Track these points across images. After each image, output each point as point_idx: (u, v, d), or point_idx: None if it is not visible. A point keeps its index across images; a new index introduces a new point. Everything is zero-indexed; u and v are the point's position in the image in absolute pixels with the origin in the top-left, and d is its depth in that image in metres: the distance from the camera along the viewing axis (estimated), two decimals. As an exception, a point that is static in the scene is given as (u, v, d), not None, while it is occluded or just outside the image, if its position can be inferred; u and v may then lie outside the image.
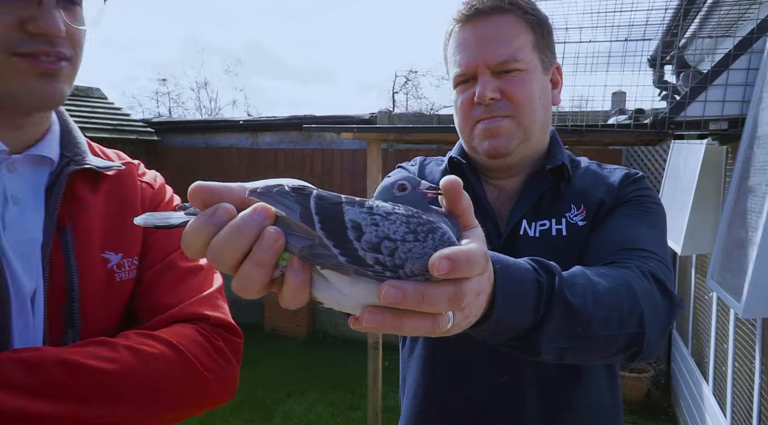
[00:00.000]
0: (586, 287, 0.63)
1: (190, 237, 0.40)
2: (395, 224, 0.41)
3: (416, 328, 0.41)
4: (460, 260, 0.39)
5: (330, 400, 3.96)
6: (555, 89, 0.98)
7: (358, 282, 0.41)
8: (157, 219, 0.43)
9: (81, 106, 5.41)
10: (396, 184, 0.48)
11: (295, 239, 0.41)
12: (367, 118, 4.97)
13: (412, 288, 0.39)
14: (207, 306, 0.79)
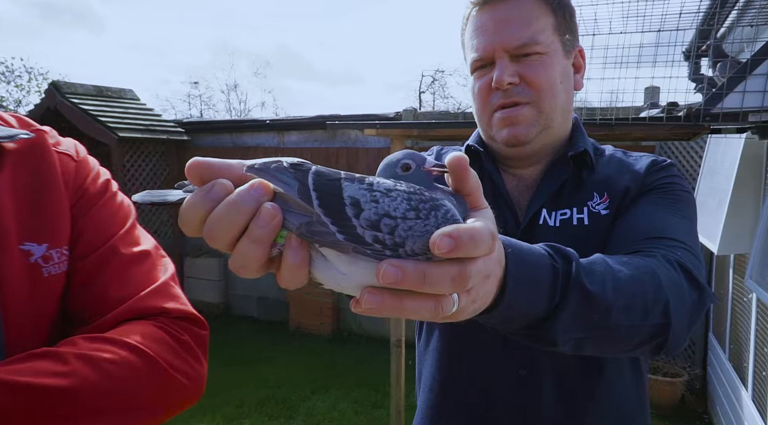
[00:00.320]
0: (606, 274, 0.60)
1: (187, 214, 0.39)
2: (396, 201, 0.39)
3: (418, 310, 0.39)
4: (463, 238, 0.37)
5: (354, 398, 3.96)
6: (578, 74, 0.94)
7: (356, 261, 0.40)
8: (154, 197, 0.42)
9: (114, 107, 5.57)
10: (400, 163, 0.46)
11: (293, 216, 0.40)
12: (392, 116, 4.96)
13: (412, 267, 0.37)
14: (164, 297, 0.70)
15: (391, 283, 0.37)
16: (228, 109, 19.96)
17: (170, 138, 5.62)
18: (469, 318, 0.47)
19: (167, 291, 0.72)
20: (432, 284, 0.38)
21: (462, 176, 0.44)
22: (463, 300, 0.42)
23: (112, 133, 5.05)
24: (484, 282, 0.44)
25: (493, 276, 0.46)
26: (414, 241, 0.38)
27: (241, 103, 21.40)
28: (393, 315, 0.39)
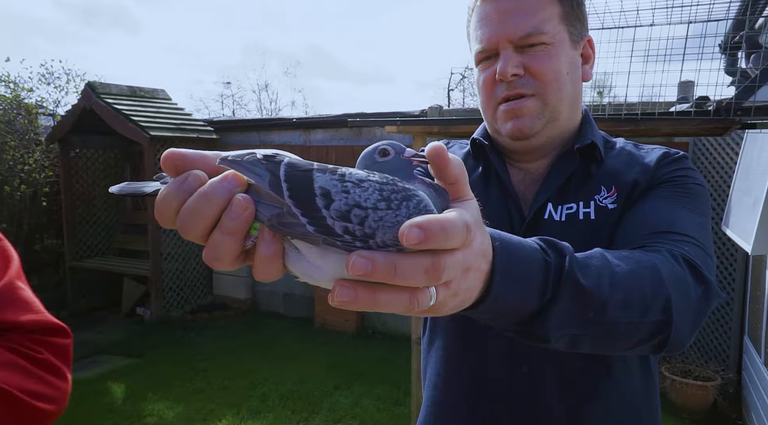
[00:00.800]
0: (602, 269, 0.58)
1: (161, 206, 0.40)
2: (367, 192, 0.39)
3: (392, 304, 0.38)
4: (432, 229, 0.36)
5: (376, 395, 3.97)
6: (586, 64, 0.92)
7: (328, 253, 0.39)
8: (131, 188, 0.43)
9: (147, 107, 5.73)
10: (378, 148, 0.46)
11: (265, 207, 0.40)
12: (417, 114, 4.94)
13: (382, 258, 0.37)
14: (11, 306, 0.61)
15: (360, 275, 0.36)
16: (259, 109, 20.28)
17: (200, 136, 5.75)
18: (453, 312, 0.47)
19: (15, 297, 0.62)
20: (404, 276, 0.37)
21: (441, 165, 0.44)
22: (441, 294, 0.41)
23: (144, 132, 5.19)
24: (464, 275, 0.43)
25: (475, 269, 0.45)
26: (384, 232, 0.38)
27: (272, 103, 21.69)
28: (367, 308, 0.39)
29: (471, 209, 0.44)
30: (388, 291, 0.38)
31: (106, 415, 3.63)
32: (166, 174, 0.43)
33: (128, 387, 4.07)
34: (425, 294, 0.40)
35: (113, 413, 3.66)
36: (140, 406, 3.76)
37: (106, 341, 5.09)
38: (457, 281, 0.43)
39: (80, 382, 4.12)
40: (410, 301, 0.39)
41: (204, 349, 4.85)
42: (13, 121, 6.32)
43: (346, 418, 3.65)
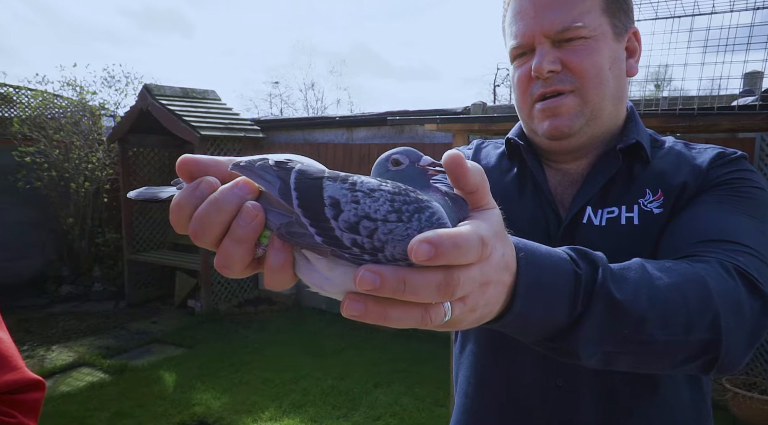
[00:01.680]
0: (640, 282, 0.54)
1: (174, 212, 0.40)
2: (378, 202, 0.37)
3: (403, 319, 0.37)
4: (444, 244, 0.34)
5: (416, 394, 3.95)
6: (632, 58, 0.86)
7: (337, 265, 0.38)
8: (148, 193, 0.43)
9: (198, 107, 5.94)
10: (390, 157, 0.44)
11: (274, 216, 0.39)
12: (460, 111, 4.86)
13: (391, 273, 0.35)
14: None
15: (369, 290, 0.35)
16: (305, 107, 20.66)
17: (247, 135, 5.91)
18: (473, 327, 0.45)
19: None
20: (414, 292, 0.35)
21: (458, 173, 0.41)
22: (457, 309, 0.39)
23: (195, 132, 5.39)
24: (482, 289, 0.41)
25: (495, 283, 0.43)
26: (394, 246, 0.36)
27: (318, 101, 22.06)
28: (376, 322, 0.37)
29: (491, 219, 0.42)
30: (399, 306, 0.37)
31: (157, 402, 3.80)
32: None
33: (178, 376, 4.25)
34: (439, 310, 0.38)
35: (164, 400, 3.83)
36: (189, 395, 3.91)
37: (159, 331, 5.33)
38: (475, 296, 0.40)
39: (135, 369, 4.35)
40: (422, 317, 0.37)
41: (249, 342, 4.99)
42: (79, 122, 6.72)
43: (386, 416, 3.66)
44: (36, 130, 6.41)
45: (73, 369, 4.40)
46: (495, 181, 0.92)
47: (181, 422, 3.53)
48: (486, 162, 0.95)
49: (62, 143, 6.50)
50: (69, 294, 6.48)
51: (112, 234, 6.94)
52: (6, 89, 7.00)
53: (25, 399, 0.63)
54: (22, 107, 6.84)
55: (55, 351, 4.81)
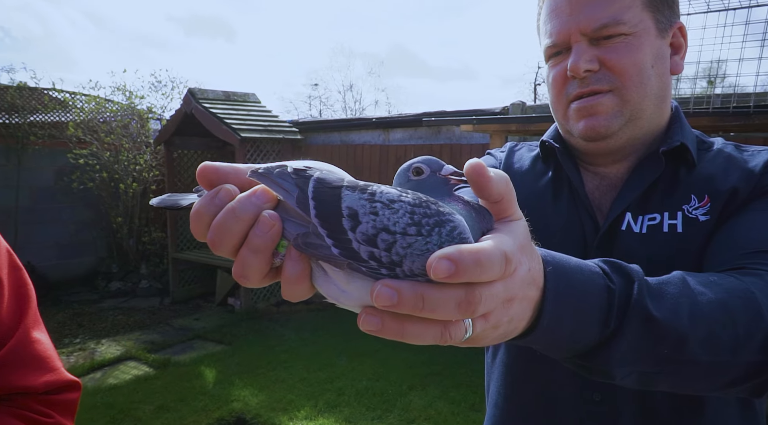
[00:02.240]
0: (681, 297, 0.50)
1: (194, 220, 0.40)
2: (397, 214, 0.36)
3: (421, 336, 0.36)
4: (465, 261, 0.33)
5: (451, 398, 3.91)
6: (677, 55, 0.81)
7: (354, 278, 0.37)
8: (170, 201, 0.44)
9: (239, 110, 6.09)
10: (411, 166, 0.43)
11: (292, 225, 0.39)
12: (498, 111, 4.78)
13: (409, 289, 0.34)
14: (24, 367, 0.56)
15: (386, 306, 0.34)
16: (343, 109, 20.86)
17: (285, 137, 6.01)
18: (497, 343, 0.43)
19: (28, 355, 0.57)
20: (433, 309, 0.34)
21: (481, 183, 0.40)
22: (478, 326, 0.38)
23: (235, 134, 5.53)
24: (506, 306, 0.39)
25: (520, 299, 0.41)
26: (413, 260, 0.35)
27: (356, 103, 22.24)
28: (394, 338, 0.36)
29: (517, 232, 0.40)
30: (418, 322, 0.35)
31: (198, 397, 3.92)
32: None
33: (218, 372, 4.36)
34: (459, 327, 0.36)
35: (204, 395, 3.94)
36: (228, 391, 4.01)
37: (200, 328, 5.49)
38: (498, 313, 0.39)
39: (178, 364, 4.49)
40: (442, 334, 0.36)
41: (286, 341, 5.07)
42: (128, 126, 7.03)
43: (420, 419, 3.63)
44: (89, 133, 6.74)
45: (120, 363, 4.60)
46: (529, 185, 0.89)
47: (220, 418, 3.62)
48: (519, 165, 0.92)
49: (113, 146, 6.81)
50: (118, 290, 6.78)
51: (157, 233, 7.22)
52: (63, 95, 7.41)
53: (62, 400, 0.65)
54: (77, 112, 7.22)
55: (104, 344, 5.03)
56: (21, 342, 0.59)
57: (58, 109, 7.20)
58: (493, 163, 0.96)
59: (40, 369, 0.61)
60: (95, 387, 4.07)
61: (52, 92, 7.35)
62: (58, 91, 7.41)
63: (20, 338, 0.59)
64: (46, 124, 6.92)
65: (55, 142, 6.88)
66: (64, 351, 4.84)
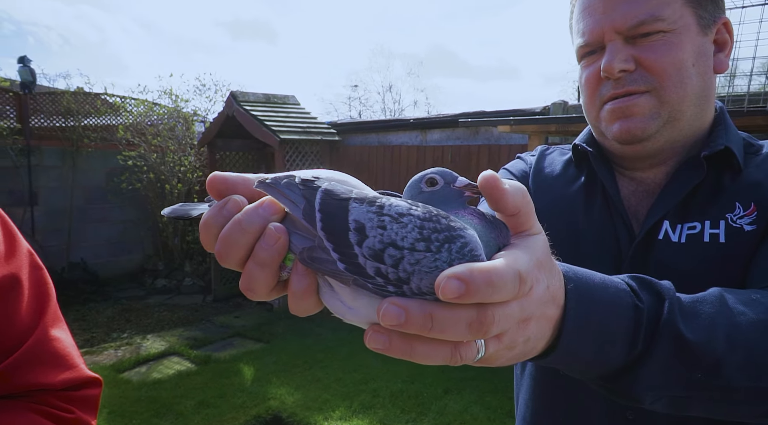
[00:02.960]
0: (717, 318, 0.46)
1: (202, 231, 0.40)
2: (406, 228, 0.34)
3: (430, 356, 0.34)
4: (475, 281, 0.31)
5: (487, 403, 3.84)
6: (721, 52, 0.75)
7: (360, 295, 0.35)
8: (181, 211, 0.43)
9: (278, 112, 6.20)
10: (425, 177, 0.41)
11: (298, 239, 0.38)
12: (539, 111, 4.66)
13: (417, 308, 0.32)
14: (42, 364, 0.56)
15: (393, 326, 0.32)
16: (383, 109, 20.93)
17: (324, 138, 6.08)
18: (514, 363, 0.41)
19: (47, 353, 0.58)
20: (442, 330, 0.32)
21: (495, 196, 0.38)
22: (491, 347, 0.36)
23: (275, 136, 5.63)
24: (522, 326, 0.37)
25: (538, 318, 0.38)
26: (421, 278, 0.33)
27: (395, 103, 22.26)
28: (402, 357, 0.35)
29: (534, 247, 0.37)
30: (427, 341, 0.34)
31: (236, 394, 4.01)
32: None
33: (256, 369, 4.45)
34: (470, 347, 0.35)
35: (243, 392, 4.03)
36: (265, 389, 4.08)
37: (240, 325, 5.63)
38: (513, 333, 0.37)
39: (218, 361, 4.62)
40: (452, 355, 0.34)
41: (323, 340, 5.12)
42: (174, 128, 7.29)
43: (455, 424, 3.59)
44: (137, 135, 7.03)
45: (164, 358, 4.77)
46: (559, 190, 0.85)
47: (257, 415, 3.69)
48: (550, 170, 0.88)
49: (159, 147, 7.08)
50: (163, 287, 7.04)
51: (201, 232, 7.45)
52: (114, 99, 7.77)
53: (83, 396, 0.65)
54: (126, 115, 7.55)
55: (150, 339, 5.23)
56: (40, 340, 0.60)
57: (110, 112, 7.55)
58: (522, 167, 0.92)
59: (59, 367, 0.62)
60: (140, 381, 4.23)
61: (105, 96, 7.72)
62: (109, 95, 7.77)
63: (39, 336, 0.60)
64: (98, 127, 7.28)
65: (106, 145, 7.22)
66: (113, 345, 5.06)
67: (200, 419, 3.65)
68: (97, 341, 5.19)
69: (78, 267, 7.15)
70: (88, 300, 6.49)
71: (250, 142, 6.72)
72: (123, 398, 3.92)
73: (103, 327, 5.58)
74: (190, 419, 3.65)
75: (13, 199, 6.67)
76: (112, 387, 4.08)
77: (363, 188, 0.40)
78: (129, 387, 4.12)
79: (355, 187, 0.40)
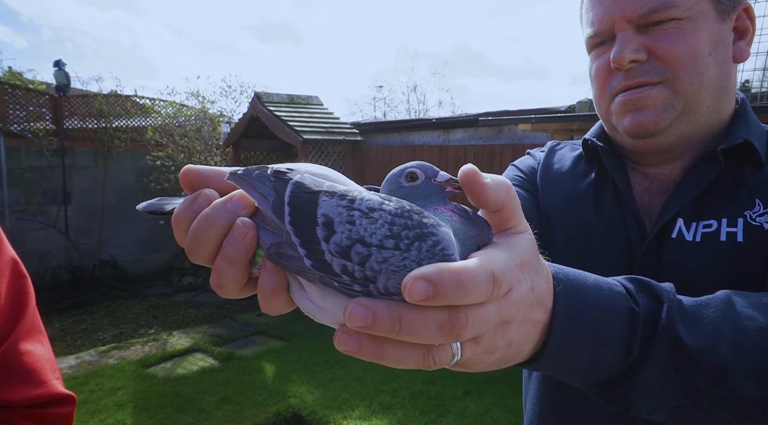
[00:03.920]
0: (722, 323, 0.43)
1: (174, 225, 0.39)
2: (375, 224, 0.33)
3: (401, 360, 0.33)
4: (444, 283, 0.29)
5: (508, 406, 3.78)
6: (741, 40, 0.71)
7: (328, 294, 0.34)
8: (156, 205, 0.42)
9: (302, 112, 6.25)
10: (405, 171, 0.39)
11: (266, 234, 0.36)
12: (564, 109, 4.57)
13: (385, 309, 0.31)
14: (6, 379, 0.53)
15: (360, 327, 0.31)
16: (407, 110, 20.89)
17: (346, 138, 6.09)
18: (497, 369, 0.39)
19: (14, 366, 0.54)
20: (411, 332, 0.31)
21: (475, 191, 0.36)
22: (468, 351, 0.34)
23: (298, 136, 5.68)
24: (502, 329, 0.35)
25: (520, 321, 0.36)
26: (388, 277, 0.32)
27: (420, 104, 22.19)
28: (372, 360, 0.34)
29: (516, 246, 0.35)
30: (398, 345, 0.33)
31: (257, 391, 4.05)
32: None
33: (278, 367, 4.49)
34: (445, 351, 0.33)
35: (264, 390, 4.07)
36: (286, 387, 4.11)
37: (263, 323, 5.69)
38: (491, 337, 0.35)
39: (240, 358, 4.68)
40: (424, 359, 0.33)
41: (344, 340, 5.13)
42: (201, 129, 7.44)
43: (475, 427, 3.54)
44: (165, 136, 7.19)
45: (189, 354, 4.86)
46: (569, 187, 0.82)
47: (278, 412, 3.72)
48: (560, 166, 0.85)
49: (186, 148, 7.23)
50: (189, 285, 7.18)
51: (226, 231, 7.58)
52: (144, 101, 7.97)
53: (52, 414, 0.60)
54: (155, 116, 7.74)
55: (175, 336, 5.34)
56: (6, 353, 0.56)
57: (139, 114, 7.76)
58: (531, 163, 0.89)
59: (24, 382, 0.57)
60: (165, 377, 4.32)
61: (135, 98, 7.93)
62: (139, 97, 7.99)
63: (6, 350, 0.56)
64: (128, 129, 7.48)
65: (136, 145, 7.42)
66: (140, 341, 5.19)
67: (222, 415, 3.70)
68: (125, 336, 5.33)
69: (108, 265, 7.36)
70: (117, 296, 6.68)
71: (274, 142, 6.79)
72: (148, 393, 4.01)
73: (131, 323, 5.73)
74: (211, 414, 3.70)
75: (47, 198, 6.92)
76: (138, 382, 4.18)
77: (345, 182, 0.39)
78: (154, 382, 4.21)
79: (336, 181, 0.38)
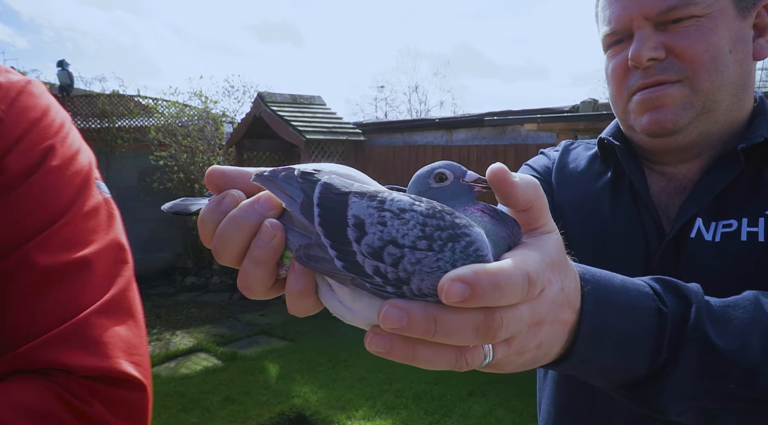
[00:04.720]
0: (752, 324, 0.43)
1: (200, 227, 0.38)
2: (408, 225, 0.32)
3: (434, 361, 0.33)
4: (481, 284, 0.29)
5: (513, 406, 3.77)
6: (762, 37, 0.71)
7: (360, 295, 0.34)
8: (181, 206, 0.41)
9: (304, 112, 6.25)
10: (433, 172, 0.39)
11: (295, 236, 0.36)
12: (567, 110, 4.56)
13: (420, 311, 0.31)
14: (71, 345, 0.50)
15: (394, 329, 0.31)
16: (409, 110, 20.90)
17: (349, 138, 6.09)
18: (525, 369, 0.38)
19: (83, 335, 0.51)
20: (447, 334, 0.31)
21: (504, 190, 0.35)
22: (500, 352, 0.34)
23: (301, 136, 5.68)
24: (533, 330, 0.35)
25: (550, 322, 0.36)
26: (422, 278, 0.31)
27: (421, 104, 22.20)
28: (404, 362, 0.33)
29: (546, 247, 0.35)
30: (430, 346, 0.32)
31: (261, 391, 4.05)
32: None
33: (281, 367, 4.49)
34: (477, 352, 0.33)
35: (268, 390, 4.07)
36: (289, 387, 4.11)
37: (266, 323, 5.69)
38: (523, 338, 0.35)
39: (244, 358, 4.68)
40: (457, 360, 0.33)
41: (347, 339, 5.12)
42: (203, 129, 7.45)
43: (479, 427, 3.54)
44: (168, 136, 7.21)
45: (192, 354, 4.86)
46: (584, 187, 0.81)
47: (281, 412, 3.72)
48: (575, 165, 0.85)
49: (189, 148, 7.24)
50: (192, 285, 7.19)
51: (229, 231, 7.59)
52: (147, 101, 7.99)
53: (111, 392, 0.53)
54: (158, 116, 7.75)
55: (179, 336, 5.35)
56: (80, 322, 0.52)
57: (142, 114, 7.77)
58: (545, 163, 0.89)
59: (89, 353, 0.52)
60: (169, 376, 4.32)
61: (138, 98, 7.95)
62: (142, 97, 8.01)
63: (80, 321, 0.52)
64: (131, 129, 7.50)
65: (139, 145, 7.43)
66: (143, 340, 5.19)
67: (225, 415, 3.70)
68: (128, 336, 5.33)
69: (111, 265, 7.37)
70: (120, 296, 6.68)
71: (277, 142, 6.79)
72: (152, 393, 4.01)
73: (135, 323, 5.73)
74: (215, 414, 3.70)
75: (51, 198, 6.92)
76: (141, 381, 4.19)
77: (371, 183, 0.39)
78: (158, 381, 4.21)
79: (362, 182, 0.38)
